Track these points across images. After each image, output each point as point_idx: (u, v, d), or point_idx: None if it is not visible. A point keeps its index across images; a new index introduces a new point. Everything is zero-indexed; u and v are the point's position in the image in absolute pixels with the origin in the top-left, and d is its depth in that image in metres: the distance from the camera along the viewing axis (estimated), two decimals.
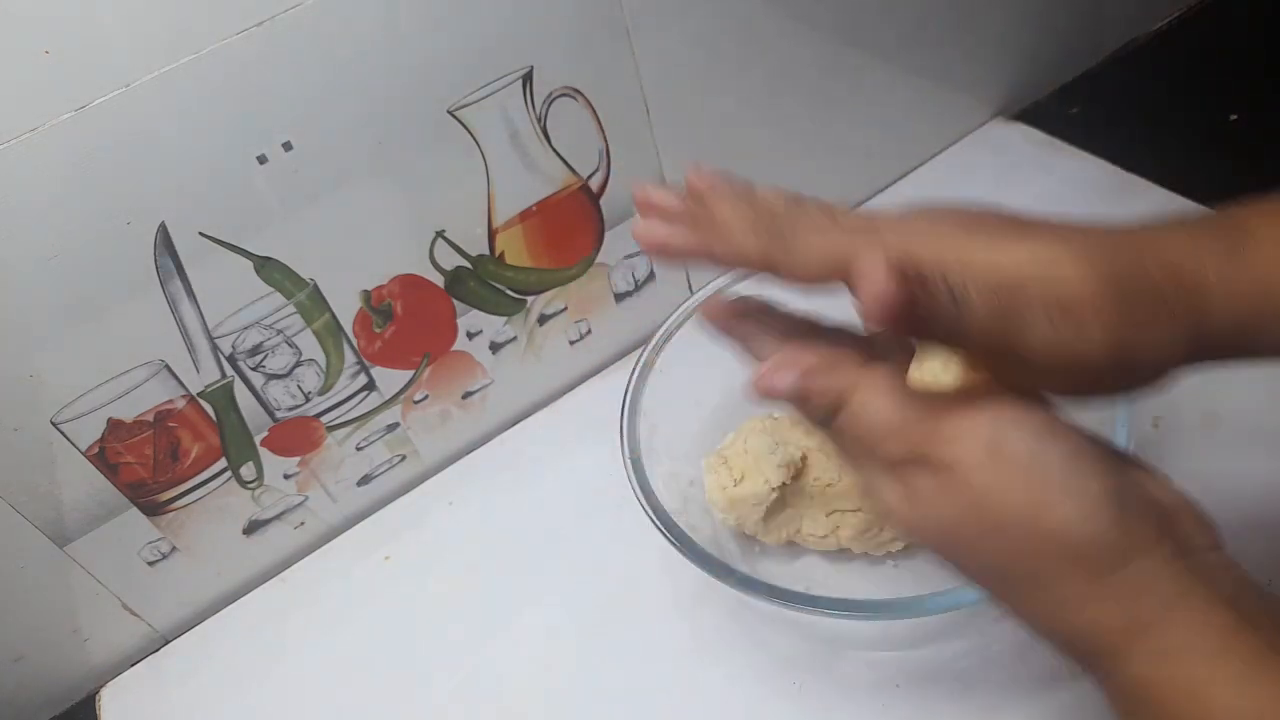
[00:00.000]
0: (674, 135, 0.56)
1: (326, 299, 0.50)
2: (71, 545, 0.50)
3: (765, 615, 0.49)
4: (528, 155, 0.52)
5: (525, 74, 0.49)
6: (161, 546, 0.53)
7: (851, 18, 0.59)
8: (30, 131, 0.39)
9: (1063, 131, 0.70)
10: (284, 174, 0.45)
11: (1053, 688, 0.43)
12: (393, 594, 0.55)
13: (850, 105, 0.64)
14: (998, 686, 0.44)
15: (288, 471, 0.55)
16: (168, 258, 0.45)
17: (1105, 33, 0.75)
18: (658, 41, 0.52)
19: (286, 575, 0.58)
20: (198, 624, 0.56)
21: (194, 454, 0.51)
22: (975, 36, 0.67)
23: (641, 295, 0.62)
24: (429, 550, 0.56)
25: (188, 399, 0.49)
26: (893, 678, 0.46)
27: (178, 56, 0.40)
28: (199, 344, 0.48)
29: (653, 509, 0.45)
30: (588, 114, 0.53)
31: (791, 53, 0.58)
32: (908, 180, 0.70)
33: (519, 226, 0.54)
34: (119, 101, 0.40)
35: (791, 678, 0.47)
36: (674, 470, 0.50)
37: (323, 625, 0.54)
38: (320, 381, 0.53)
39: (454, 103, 0.48)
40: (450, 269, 0.53)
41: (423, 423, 0.58)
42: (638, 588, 0.51)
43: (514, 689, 0.49)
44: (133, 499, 0.51)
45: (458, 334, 0.56)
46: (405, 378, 0.56)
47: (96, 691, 0.55)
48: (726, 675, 0.47)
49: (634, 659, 0.49)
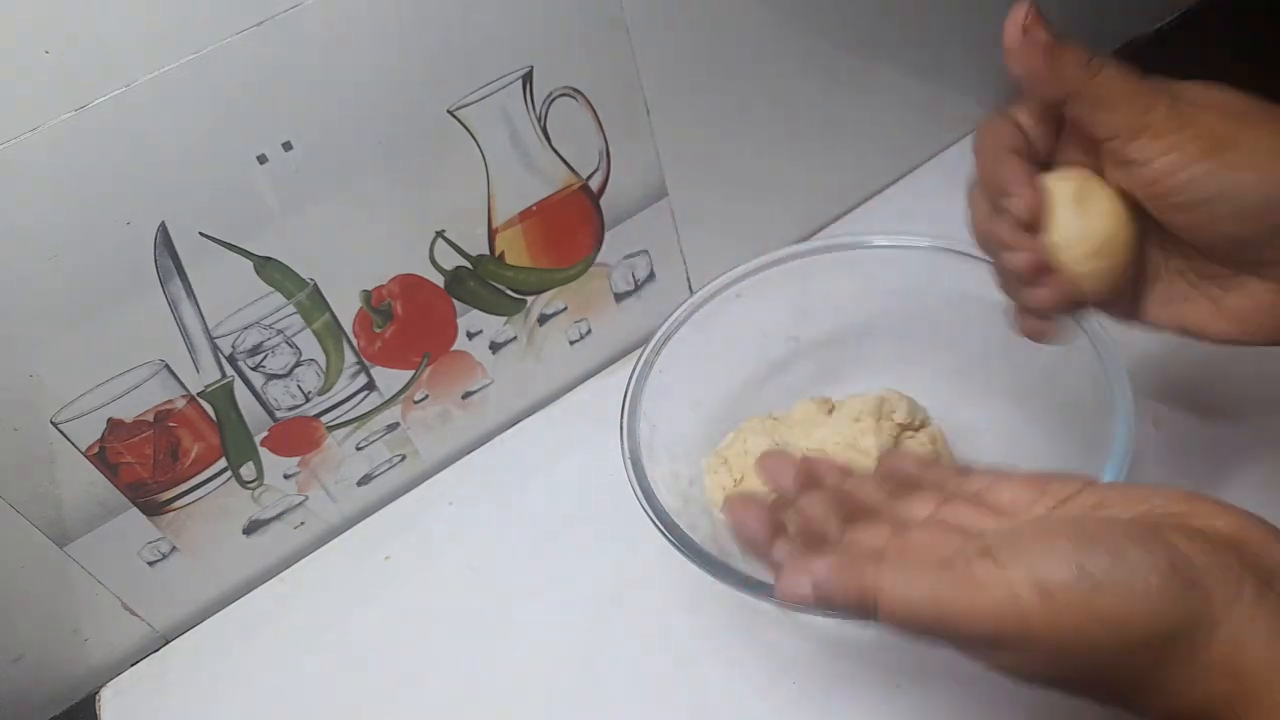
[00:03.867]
0: (674, 135, 0.56)
1: (326, 299, 0.50)
2: (71, 545, 0.50)
3: (765, 615, 0.49)
4: (528, 155, 0.52)
5: (525, 74, 0.49)
6: (161, 546, 0.53)
7: (851, 18, 0.59)
8: (30, 131, 0.39)
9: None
10: (284, 174, 0.45)
11: None
12: (393, 594, 0.55)
13: (850, 105, 0.64)
14: (998, 686, 0.44)
15: (288, 471, 0.55)
16: (168, 258, 0.45)
17: (1105, 33, 0.75)
18: (658, 41, 0.52)
19: (286, 575, 0.58)
20: (198, 624, 0.56)
21: (194, 454, 0.51)
22: (975, 37, 0.67)
23: (641, 295, 0.62)
24: (429, 550, 0.56)
25: (188, 399, 0.49)
26: (893, 678, 0.46)
27: (178, 56, 0.40)
28: (199, 344, 0.48)
29: (653, 509, 0.45)
30: (588, 114, 0.53)
31: (791, 53, 0.58)
32: (907, 180, 0.70)
33: (519, 226, 0.54)
34: (119, 101, 0.40)
35: (791, 678, 0.47)
36: (674, 470, 0.50)
37: (323, 625, 0.54)
38: (320, 381, 0.53)
39: (454, 103, 0.48)
40: (450, 269, 0.53)
41: (423, 423, 0.58)
42: (638, 588, 0.51)
43: (514, 689, 0.49)
44: (133, 499, 0.51)
45: (458, 334, 0.56)
46: (405, 378, 0.56)
47: (96, 691, 0.55)
48: (726, 675, 0.47)
49: (634, 659, 0.49)
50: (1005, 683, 0.44)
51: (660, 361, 0.51)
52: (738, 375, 0.56)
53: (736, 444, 0.50)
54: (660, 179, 0.58)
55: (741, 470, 0.49)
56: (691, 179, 0.59)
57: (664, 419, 0.50)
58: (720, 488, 0.49)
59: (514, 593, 0.53)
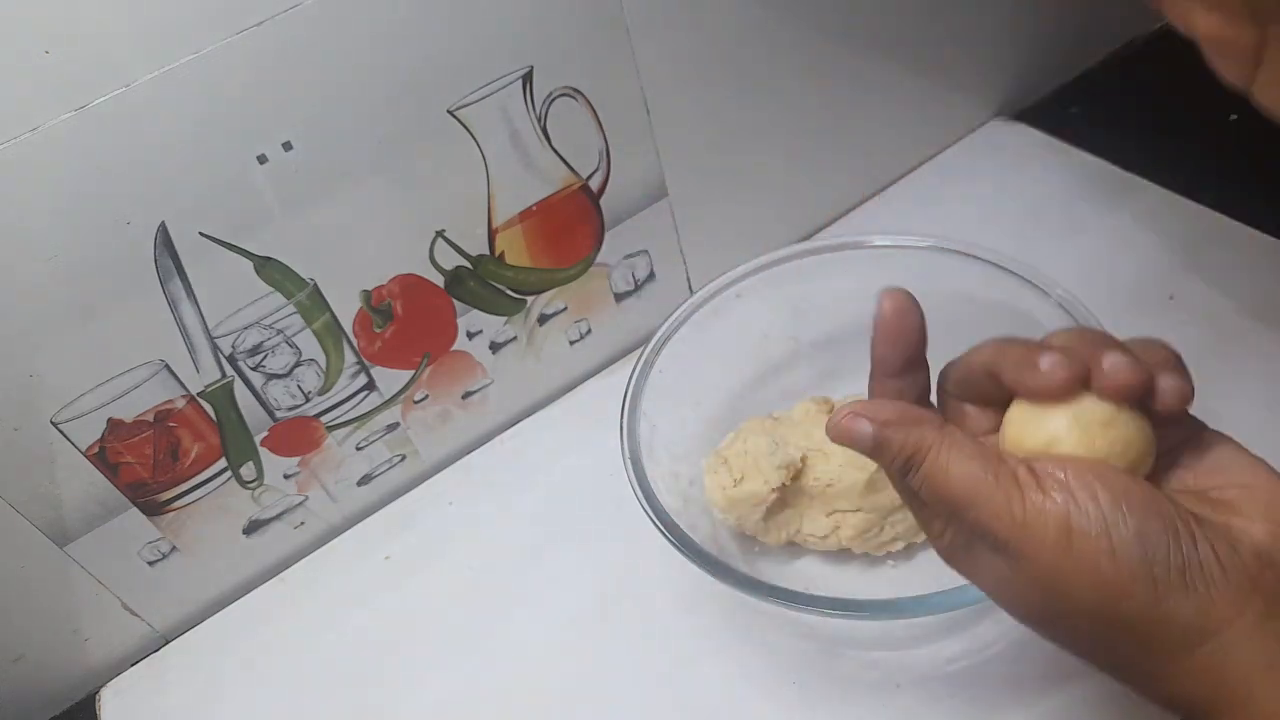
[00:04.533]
0: (674, 135, 0.56)
1: (326, 299, 0.50)
2: (71, 545, 0.50)
3: (765, 615, 0.49)
4: (528, 155, 0.52)
5: (525, 74, 0.49)
6: (161, 546, 0.53)
7: (851, 18, 0.59)
8: (30, 131, 0.39)
9: (1063, 131, 0.70)
10: (284, 174, 0.45)
11: (1053, 688, 0.43)
12: (393, 594, 0.55)
13: (850, 105, 0.64)
14: (998, 686, 0.44)
15: (288, 471, 0.55)
16: (168, 258, 0.45)
17: (1105, 33, 0.75)
18: (658, 41, 0.52)
19: (286, 575, 0.58)
20: (198, 624, 0.56)
21: (194, 454, 0.51)
22: (975, 36, 0.67)
23: (641, 295, 0.62)
24: (429, 550, 0.56)
25: (188, 399, 0.49)
26: (893, 678, 0.46)
27: (178, 56, 0.40)
28: (199, 344, 0.48)
29: (653, 509, 0.45)
30: (588, 114, 0.53)
31: (791, 52, 0.58)
32: (908, 180, 0.70)
33: (519, 226, 0.54)
34: (119, 101, 0.40)
35: (791, 678, 0.47)
36: (674, 470, 0.50)
37: (323, 625, 0.54)
38: (320, 381, 0.53)
39: (454, 103, 0.48)
40: (450, 269, 0.53)
41: (423, 423, 0.58)
42: (638, 588, 0.51)
43: (514, 689, 0.49)
44: (133, 499, 0.51)
45: (458, 334, 0.56)
46: (405, 378, 0.56)
47: (96, 691, 0.55)
48: (726, 675, 0.47)
49: (634, 659, 0.49)
50: (1005, 683, 0.44)
51: (660, 361, 0.51)
52: (738, 375, 0.56)
53: (736, 444, 0.50)
54: (660, 179, 0.58)
55: (741, 470, 0.49)
56: (691, 179, 0.59)
57: (664, 419, 0.50)
58: (720, 488, 0.49)
59: (514, 593, 0.53)
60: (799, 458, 0.48)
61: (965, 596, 0.39)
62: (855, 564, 0.49)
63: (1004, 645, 0.45)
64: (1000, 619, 0.45)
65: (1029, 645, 0.45)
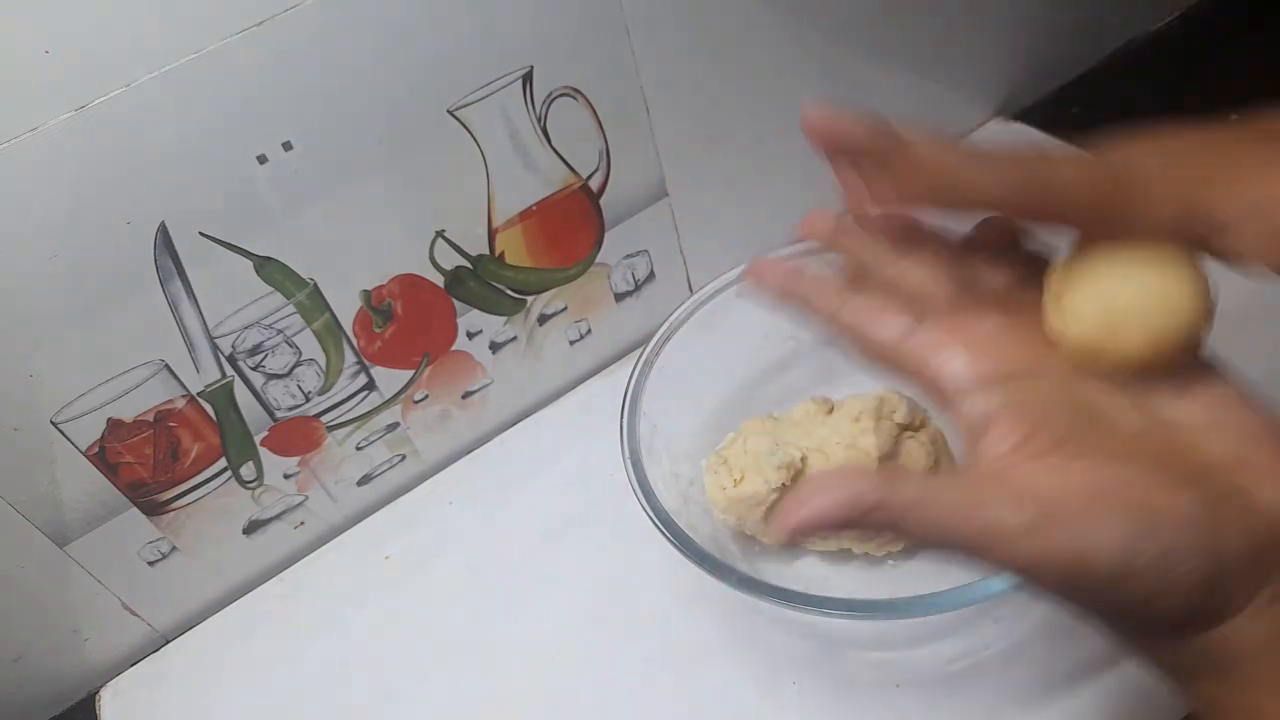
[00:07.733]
0: (674, 135, 0.56)
1: (326, 299, 0.50)
2: (71, 545, 0.50)
3: (765, 615, 0.49)
4: (528, 155, 0.52)
5: (525, 74, 0.49)
6: (161, 546, 0.53)
7: (851, 18, 0.59)
8: (30, 131, 0.39)
9: (1063, 131, 0.70)
10: (284, 174, 0.45)
11: (1052, 688, 0.43)
12: (393, 594, 0.55)
13: (850, 105, 0.63)
14: (997, 686, 0.44)
15: (288, 471, 0.55)
16: (168, 258, 0.45)
17: (1105, 33, 0.75)
18: (658, 41, 0.52)
19: (286, 575, 0.58)
20: (198, 624, 0.56)
21: (194, 454, 0.51)
22: (975, 36, 0.67)
23: (641, 295, 0.62)
24: (429, 550, 0.56)
25: (188, 399, 0.49)
26: (893, 678, 0.46)
27: (178, 56, 0.40)
28: (199, 344, 0.48)
29: (653, 509, 0.45)
30: (588, 114, 0.53)
31: (791, 53, 0.58)
32: None
33: (519, 226, 0.54)
34: (119, 101, 0.40)
35: (791, 678, 0.47)
36: (674, 470, 0.50)
37: (323, 625, 0.54)
38: (320, 381, 0.53)
39: (454, 103, 0.48)
40: (450, 269, 0.53)
41: (423, 423, 0.58)
42: (638, 588, 0.51)
43: (513, 688, 0.49)
44: (133, 499, 0.51)
45: (458, 334, 0.56)
46: (405, 377, 0.56)
47: (96, 691, 0.55)
48: (726, 675, 0.47)
49: (633, 659, 0.49)
50: (1005, 683, 0.44)
51: (660, 361, 0.51)
52: (738, 375, 0.56)
53: (736, 444, 0.50)
54: (660, 179, 0.58)
55: (741, 470, 0.49)
56: (691, 179, 0.59)
57: (664, 419, 0.50)
58: (720, 488, 0.49)
59: (514, 592, 0.53)
60: (799, 458, 0.48)
61: (965, 596, 0.39)
62: (855, 564, 0.49)
63: (1004, 645, 0.45)
64: (1000, 619, 0.46)
65: (1029, 645, 0.45)
